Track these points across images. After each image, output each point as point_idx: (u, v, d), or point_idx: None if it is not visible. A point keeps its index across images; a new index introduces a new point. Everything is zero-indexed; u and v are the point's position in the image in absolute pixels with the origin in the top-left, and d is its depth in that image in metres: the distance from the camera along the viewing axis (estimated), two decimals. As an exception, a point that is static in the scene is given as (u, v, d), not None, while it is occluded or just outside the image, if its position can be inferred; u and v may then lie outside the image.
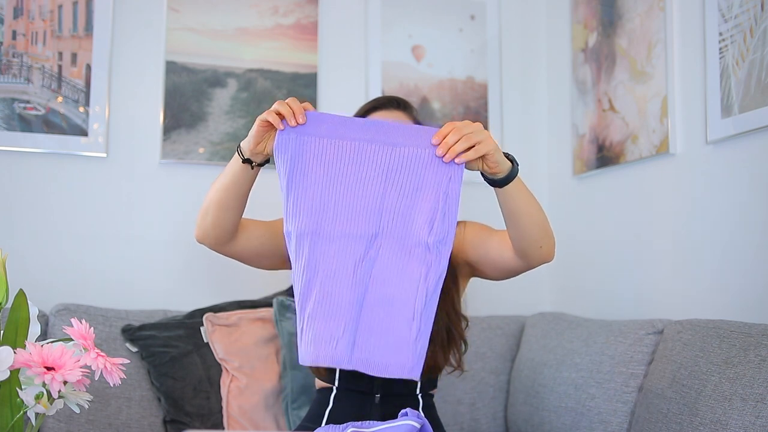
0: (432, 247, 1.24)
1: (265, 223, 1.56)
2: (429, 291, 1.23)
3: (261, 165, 1.37)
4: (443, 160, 1.23)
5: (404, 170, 1.25)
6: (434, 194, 1.24)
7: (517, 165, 1.30)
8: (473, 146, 1.22)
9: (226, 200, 1.40)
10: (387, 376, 1.23)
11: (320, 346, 1.22)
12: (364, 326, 1.23)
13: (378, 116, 1.61)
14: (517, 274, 1.49)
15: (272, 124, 1.26)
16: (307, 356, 1.23)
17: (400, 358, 1.22)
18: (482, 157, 1.25)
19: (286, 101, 1.26)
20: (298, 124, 1.25)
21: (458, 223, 1.62)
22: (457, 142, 1.22)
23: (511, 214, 1.34)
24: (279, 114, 1.25)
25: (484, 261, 1.53)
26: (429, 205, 1.24)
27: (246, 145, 1.33)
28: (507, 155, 1.30)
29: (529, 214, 1.34)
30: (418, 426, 1.22)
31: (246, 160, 1.35)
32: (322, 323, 1.23)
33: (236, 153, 1.36)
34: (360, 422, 1.34)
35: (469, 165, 1.26)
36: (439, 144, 1.23)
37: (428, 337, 1.24)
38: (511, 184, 1.30)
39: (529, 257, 1.40)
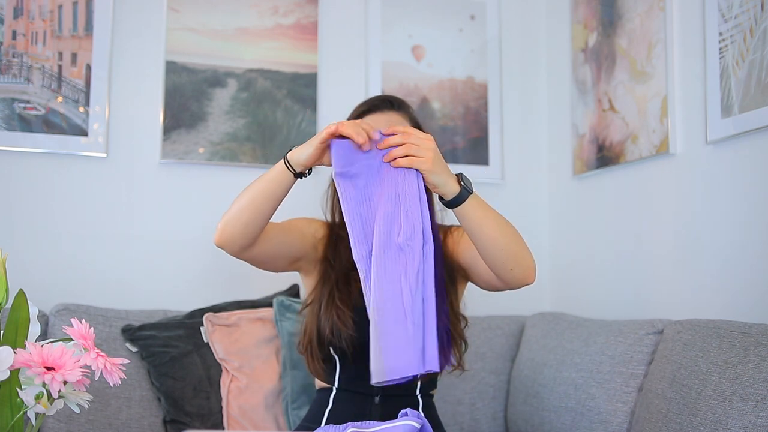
0: (404, 246, 1.26)
1: (280, 226, 1.57)
2: (412, 288, 1.25)
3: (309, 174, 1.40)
4: (383, 159, 1.28)
5: (370, 185, 1.29)
6: (393, 196, 1.28)
7: (467, 189, 1.31)
8: (409, 156, 1.26)
9: (264, 208, 1.40)
10: (402, 376, 1.26)
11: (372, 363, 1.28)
12: (378, 335, 1.26)
13: (372, 118, 1.60)
14: (501, 291, 1.51)
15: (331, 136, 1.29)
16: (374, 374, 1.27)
17: (406, 356, 1.24)
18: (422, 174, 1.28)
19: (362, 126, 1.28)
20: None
21: (458, 227, 1.62)
22: (398, 145, 1.27)
23: (470, 235, 1.35)
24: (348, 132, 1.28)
25: (472, 270, 1.56)
26: (392, 207, 1.28)
27: (302, 158, 1.33)
28: (461, 178, 1.31)
29: (490, 236, 1.34)
30: (418, 426, 1.22)
31: (298, 173, 1.36)
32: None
33: (284, 165, 1.36)
34: (360, 422, 1.34)
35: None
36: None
37: (432, 330, 1.26)
38: (464, 205, 1.31)
39: (503, 279, 1.40)
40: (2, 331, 1.05)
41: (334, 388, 1.55)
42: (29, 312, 1.07)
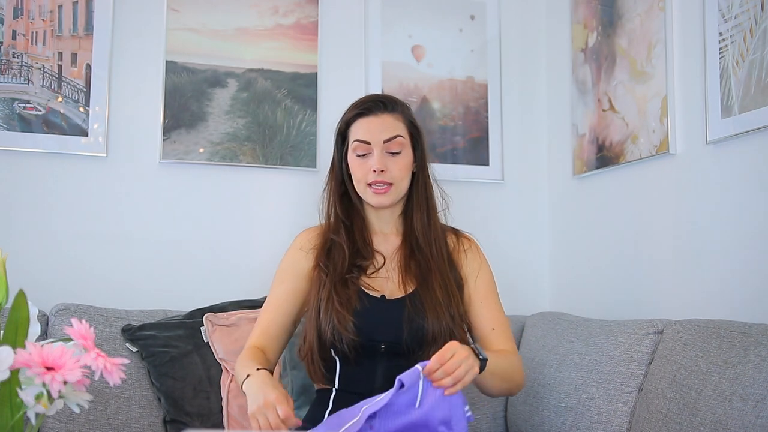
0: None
1: (284, 325, 1.62)
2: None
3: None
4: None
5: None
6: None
7: (484, 363, 1.35)
8: (460, 380, 1.28)
9: None
10: None
11: None
12: None
13: (366, 122, 1.56)
14: None
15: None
16: None
17: None
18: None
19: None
20: None
21: (475, 247, 1.65)
22: (448, 376, 1.26)
23: (475, 385, 1.43)
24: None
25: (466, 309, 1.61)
26: None
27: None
28: (476, 350, 1.35)
29: (493, 389, 1.49)
30: (420, 368, 1.27)
31: None
32: None
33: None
34: (369, 399, 1.33)
35: None
36: (436, 378, 1.26)
37: None
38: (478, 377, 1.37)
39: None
40: (2, 331, 1.05)
41: (334, 389, 1.55)
42: (29, 312, 1.07)
